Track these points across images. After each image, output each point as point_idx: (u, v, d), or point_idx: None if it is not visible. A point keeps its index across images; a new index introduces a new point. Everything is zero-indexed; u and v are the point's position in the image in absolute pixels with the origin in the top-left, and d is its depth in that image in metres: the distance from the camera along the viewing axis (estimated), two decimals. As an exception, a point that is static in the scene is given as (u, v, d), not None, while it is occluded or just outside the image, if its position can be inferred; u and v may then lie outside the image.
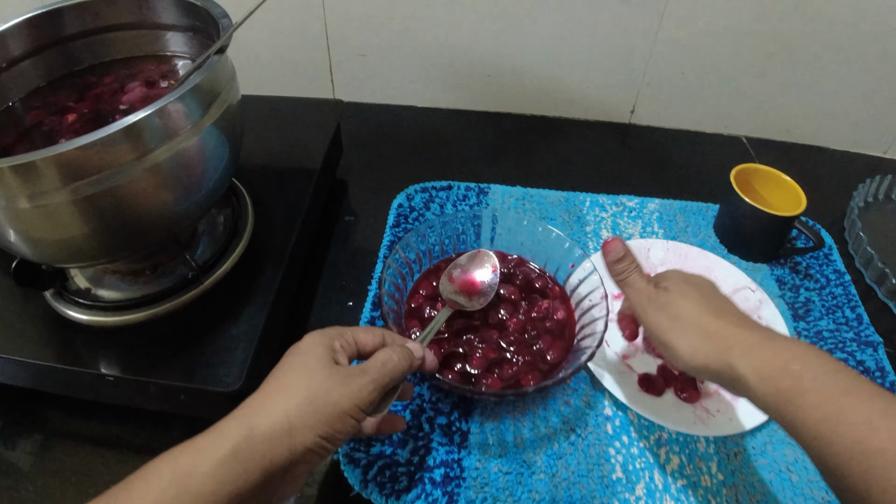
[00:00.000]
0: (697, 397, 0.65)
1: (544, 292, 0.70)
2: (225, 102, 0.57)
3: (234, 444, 0.40)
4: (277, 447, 0.41)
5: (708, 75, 0.99)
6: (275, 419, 0.42)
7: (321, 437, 0.43)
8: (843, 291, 0.79)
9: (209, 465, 0.39)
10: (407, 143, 1.00)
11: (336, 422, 0.43)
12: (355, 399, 0.45)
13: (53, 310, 0.62)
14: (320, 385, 0.44)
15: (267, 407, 0.43)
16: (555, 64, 0.99)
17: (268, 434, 0.41)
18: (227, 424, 0.42)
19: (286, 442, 0.41)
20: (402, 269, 0.68)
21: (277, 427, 0.41)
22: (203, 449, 0.40)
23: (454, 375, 0.62)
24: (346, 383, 0.45)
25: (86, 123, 0.61)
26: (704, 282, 0.56)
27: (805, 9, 0.89)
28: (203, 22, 0.61)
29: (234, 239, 0.67)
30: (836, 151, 1.05)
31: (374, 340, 0.51)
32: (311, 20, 0.96)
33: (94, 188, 0.48)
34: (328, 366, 0.46)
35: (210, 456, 0.40)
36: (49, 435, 0.64)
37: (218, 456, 0.39)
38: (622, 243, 0.58)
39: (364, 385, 0.45)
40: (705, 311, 0.51)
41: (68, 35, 0.64)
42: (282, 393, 0.44)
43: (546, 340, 0.65)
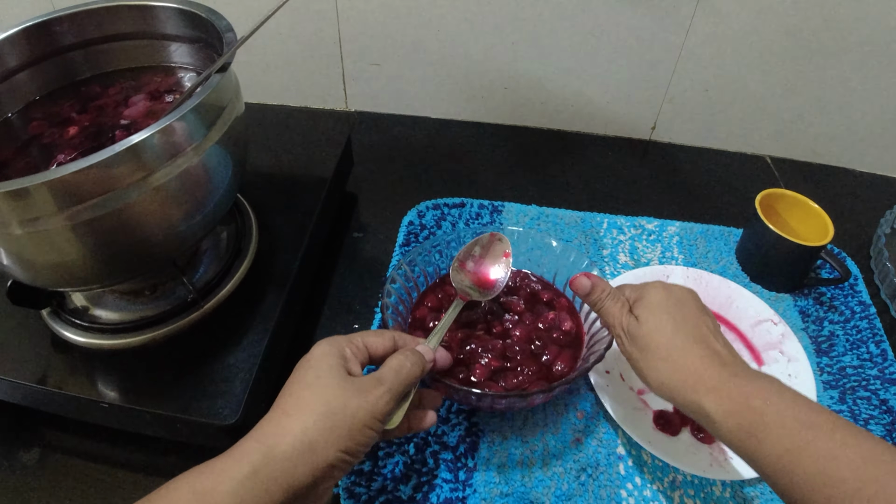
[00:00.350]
0: (714, 438, 0.62)
1: (551, 304, 0.69)
2: (229, 119, 0.55)
3: (254, 465, 0.40)
4: (299, 465, 0.41)
5: (733, 92, 0.95)
6: (294, 438, 0.41)
7: (342, 452, 0.43)
8: (867, 325, 0.75)
9: (229, 485, 0.39)
10: (420, 156, 0.98)
11: (357, 434, 0.44)
12: (372, 410, 0.45)
13: (50, 329, 0.61)
14: (337, 399, 0.44)
15: (285, 426, 0.42)
16: (574, 77, 0.97)
17: (289, 453, 0.41)
18: (245, 446, 0.42)
19: (308, 459, 0.41)
20: (408, 284, 0.67)
21: (298, 445, 0.41)
22: (222, 470, 0.40)
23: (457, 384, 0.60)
24: (363, 395, 0.45)
25: (85, 139, 0.59)
26: (683, 296, 0.54)
27: (837, 27, 0.85)
28: (208, 34, 0.59)
29: (238, 259, 0.65)
30: (862, 174, 1.01)
31: (384, 344, 0.51)
32: (324, 28, 0.94)
33: (92, 213, 0.46)
34: (342, 378, 0.45)
35: (230, 476, 0.39)
36: (47, 450, 0.62)
37: (238, 476, 0.39)
38: (585, 277, 0.57)
39: (380, 395, 0.45)
40: (676, 342, 0.50)
41: (69, 44, 0.62)
42: (299, 410, 0.43)
43: (553, 351, 0.63)
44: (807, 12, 0.85)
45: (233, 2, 0.90)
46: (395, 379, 0.47)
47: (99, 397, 0.56)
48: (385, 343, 0.51)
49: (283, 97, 1.04)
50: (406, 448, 0.61)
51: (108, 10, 0.61)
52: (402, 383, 0.48)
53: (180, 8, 0.60)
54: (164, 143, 0.48)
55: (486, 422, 0.63)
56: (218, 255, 0.66)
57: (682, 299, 0.54)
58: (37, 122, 0.62)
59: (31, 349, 0.60)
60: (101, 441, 0.62)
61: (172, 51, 0.63)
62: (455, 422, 0.63)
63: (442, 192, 0.87)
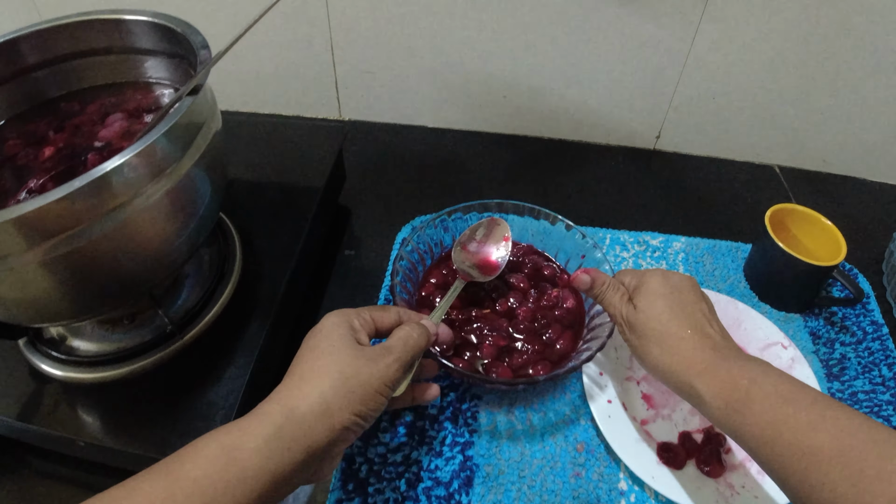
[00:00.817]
0: (721, 471, 0.59)
1: (553, 280, 0.71)
2: (205, 139, 0.51)
3: (278, 425, 0.42)
4: (317, 427, 0.43)
5: (740, 100, 0.92)
6: (312, 401, 0.44)
7: (356, 416, 0.45)
8: (880, 346, 0.72)
9: (255, 442, 0.41)
10: (415, 167, 0.95)
11: (369, 400, 0.46)
12: (383, 377, 0.47)
13: (27, 361, 0.58)
14: (349, 366, 0.46)
15: (304, 390, 0.45)
16: (575, 84, 0.93)
17: (308, 415, 0.43)
18: (268, 407, 0.44)
19: (325, 421, 0.44)
20: (413, 258, 0.69)
21: (316, 408, 0.44)
22: (248, 429, 0.42)
23: (464, 364, 0.62)
24: (374, 363, 0.47)
25: (59, 162, 0.56)
26: (681, 283, 0.57)
27: (848, 34, 0.82)
28: (183, 49, 0.56)
29: (221, 283, 0.62)
30: (874, 183, 0.98)
31: (390, 318, 0.54)
32: (315, 35, 0.91)
33: (63, 248, 0.43)
34: (353, 347, 0.48)
35: (256, 434, 0.42)
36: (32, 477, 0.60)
37: (263, 434, 0.41)
38: (585, 273, 0.61)
39: (390, 363, 0.48)
40: (671, 327, 0.53)
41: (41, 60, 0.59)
42: (315, 376, 0.46)
43: (556, 330, 0.65)
44: (817, 19, 0.81)
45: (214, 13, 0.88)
46: (403, 348, 0.50)
47: (75, 435, 0.54)
48: (391, 317, 0.54)
49: (274, 106, 1.01)
50: (397, 484, 0.58)
51: (81, 25, 0.58)
52: (410, 353, 0.51)
53: (154, 22, 0.57)
54: (136, 170, 0.45)
55: (481, 454, 0.60)
56: (200, 279, 0.63)
57: (678, 286, 0.56)
58: (12, 141, 0.59)
59: (8, 381, 0.58)
60: (87, 470, 0.60)
61: (148, 66, 0.60)
62: (449, 455, 0.60)
63: (437, 206, 0.84)
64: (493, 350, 0.63)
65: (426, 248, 0.70)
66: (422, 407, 0.63)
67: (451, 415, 0.63)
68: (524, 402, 0.64)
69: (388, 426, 0.62)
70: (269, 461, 0.41)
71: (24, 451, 0.61)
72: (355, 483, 0.58)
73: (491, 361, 0.62)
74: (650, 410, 0.64)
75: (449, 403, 0.64)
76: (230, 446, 0.41)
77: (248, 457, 0.41)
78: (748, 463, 0.60)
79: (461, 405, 0.64)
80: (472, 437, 0.61)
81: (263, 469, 0.41)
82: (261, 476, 0.41)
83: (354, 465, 0.59)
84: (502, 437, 0.61)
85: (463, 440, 0.61)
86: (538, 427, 0.62)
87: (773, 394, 0.46)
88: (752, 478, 0.59)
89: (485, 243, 0.69)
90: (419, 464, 0.59)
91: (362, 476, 0.58)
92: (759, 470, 0.59)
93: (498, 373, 0.61)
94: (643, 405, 0.64)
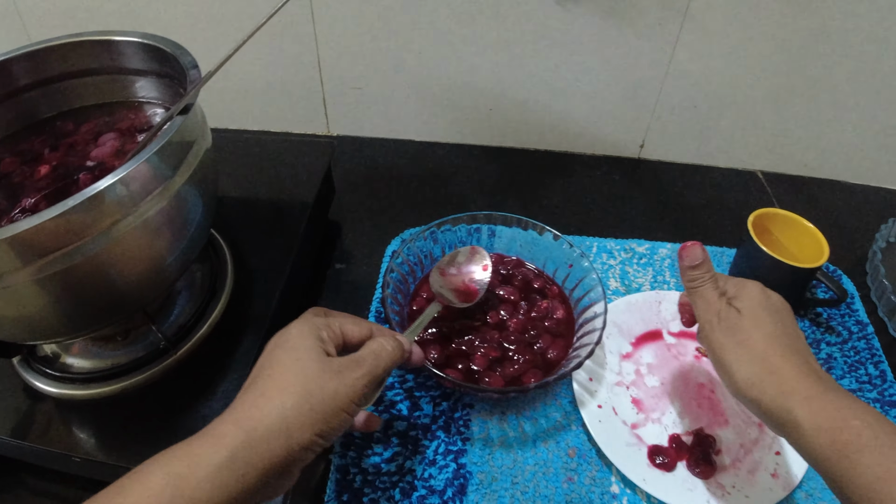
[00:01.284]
0: (712, 472, 0.60)
1: (543, 292, 0.71)
2: (196, 157, 0.52)
3: (232, 450, 0.39)
4: (275, 448, 0.41)
5: (722, 108, 0.94)
6: (272, 421, 0.41)
7: (317, 435, 0.43)
8: (866, 345, 0.74)
9: (206, 470, 0.38)
10: (404, 181, 0.96)
11: (332, 418, 0.43)
12: (350, 393, 0.45)
13: (21, 378, 0.58)
14: (314, 381, 0.44)
15: (262, 408, 0.42)
16: (560, 96, 0.95)
17: (265, 436, 0.41)
18: (222, 428, 0.41)
19: (283, 443, 0.41)
20: (404, 270, 0.69)
21: (275, 429, 0.41)
22: (199, 454, 0.39)
23: (457, 374, 0.62)
24: (341, 377, 0.45)
25: (52, 181, 0.57)
26: (781, 306, 0.53)
27: (825, 39, 0.84)
28: (173, 69, 0.57)
29: (213, 300, 0.63)
30: (855, 185, 0.99)
31: (360, 332, 0.51)
32: (303, 52, 0.92)
33: (57, 266, 0.44)
34: (320, 359, 0.45)
35: (207, 462, 0.39)
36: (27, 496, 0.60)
37: (216, 461, 0.39)
38: (702, 249, 0.56)
39: (359, 378, 0.46)
40: (775, 345, 0.49)
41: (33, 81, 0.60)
42: (276, 392, 0.43)
43: (546, 340, 0.66)
44: (796, 25, 0.83)
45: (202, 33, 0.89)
46: (374, 362, 0.47)
47: (71, 451, 0.54)
48: (362, 331, 0.51)
49: (263, 123, 1.02)
50: (392, 493, 0.58)
51: (72, 46, 0.59)
52: (381, 367, 0.48)
53: (144, 42, 0.57)
54: (128, 189, 0.46)
55: (474, 462, 0.61)
56: (192, 295, 0.64)
57: (780, 308, 0.53)
58: (8, 159, 0.59)
59: (3, 399, 0.58)
60: (83, 487, 0.60)
61: (139, 86, 0.61)
62: (442, 464, 0.60)
63: (426, 219, 0.85)
64: (485, 361, 0.63)
65: (416, 261, 0.71)
66: (414, 417, 0.64)
67: (444, 424, 0.64)
68: (516, 410, 0.65)
69: (381, 437, 0.62)
70: (221, 490, 0.38)
71: (18, 469, 0.61)
72: (350, 494, 0.58)
73: (483, 371, 0.63)
74: (640, 414, 0.65)
75: (441, 413, 0.64)
76: (178, 476, 0.38)
77: (197, 487, 0.38)
78: (739, 463, 0.61)
79: (453, 414, 0.64)
80: (465, 446, 0.62)
81: (214, 499, 0.38)
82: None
83: (349, 476, 0.59)
84: (495, 445, 0.62)
85: (456, 448, 0.62)
86: (530, 434, 0.63)
87: (888, 444, 0.41)
88: (742, 478, 0.60)
89: (464, 270, 0.69)
90: (413, 473, 0.60)
91: (357, 486, 0.58)
92: (749, 470, 0.60)
93: (490, 382, 0.62)
94: (633, 409, 0.65)
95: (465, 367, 0.63)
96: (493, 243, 0.75)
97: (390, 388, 0.66)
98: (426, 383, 0.67)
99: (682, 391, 0.67)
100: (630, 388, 0.67)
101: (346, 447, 0.61)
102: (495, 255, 0.75)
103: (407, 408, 0.65)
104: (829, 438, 0.43)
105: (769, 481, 0.59)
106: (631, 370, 0.69)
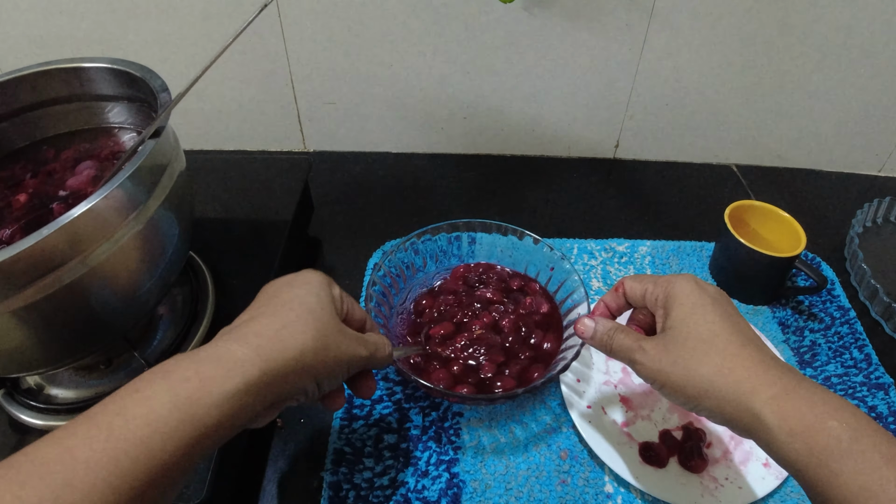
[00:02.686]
0: (704, 466, 0.60)
1: (524, 290, 0.72)
2: (170, 180, 0.52)
3: (247, 380, 0.38)
4: (285, 383, 0.41)
5: (693, 105, 0.95)
6: (291, 356, 0.41)
7: (317, 384, 0.43)
8: (849, 330, 0.75)
9: (217, 397, 0.37)
10: (382, 193, 0.96)
11: (333, 374, 0.45)
12: (350, 362, 0.46)
13: (5, 412, 0.57)
14: (332, 335, 0.44)
15: (284, 341, 0.41)
16: (533, 101, 0.95)
17: (282, 368, 0.40)
18: (239, 352, 0.39)
19: (294, 379, 0.41)
20: (386, 282, 0.69)
21: (292, 364, 0.41)
22: (212, 379, 0.37)
23: (469, 388, 0.61)
24: (352, 343, 0.46)
25: (28, 210, 0.56)
26: (720, 297, 0.48)
27: (791, 31, 0.85)
28: (143, 93, 0.56)
29: (195, 323, 0.62)
30: (829, 173, 1.01)
31: (361, 315, 0.52)
32: (275, 70, 0.92)
33: (32, 297, 0.43)
34: (335, 316, 0.46)
35: (219, 388, 0.37)
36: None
37: (228, 388, 0.37)
38: (586, 320, 0.53)
39: (362, 357, 0.47)
40: (723, 342, 0.44)
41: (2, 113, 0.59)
42: (299, 329, 0.42)
43: (538, 334, 0.67)
44: (761, 19, 0.84)
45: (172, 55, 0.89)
46: (374, 352, 0.49)
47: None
48: (362, 315, 0.52)
49: (239, 142, 1.01)
50: None
51: (41, 75, 0.59)
52: (376, 361, 0.49)
53: (113, 68, 0.57)
54: (103, 215, 0.45)
55: (467, 470, 0.60)
56: (174, 319, 0.63)
57: (719, 299, 0.47)
58: None
59: (-13, 433, 0.57)
60: None
61: (109, 112, 0.61)
62: (435, 474, 0.60)
63: (407, 229, 0.85)
64: (493, 366, 0.63)
65: (398, 272, 0.71)
66: (404, 428, 0.64)
67: (435, 434, 0.63)
68: (506, 416, 0.65)
69: (371, 451, 0.62)
70: (226, 418, 0.37)
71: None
72: (344, 510, 0.58)
73: (494, 377, 0.63)
74: (629, 412, 0.65)
75: (431, 423, 0.64)
76: (186, 401, 0.35)
77: (206, 413, 0.36)
78: (730, 455, 0.61)
79: (443, 423, 0.64)
80: (457, 455, 0.62)
81: (222, 425, 0.37)
82: (214, 433, 0.36)
83: (341, 493, 0.59)
84: (487, 452, 0.62)
85: (448, 458, 0.61)
86: (521, 439, 0.63)
87: (870, 449, 0.37)
88: (734, 469, 0.60)
89: None
90: (406, 485, 0.59)
91: (350, 502, 0.58)
92: (741, 461, 0.60)
93: (503, 385, 0.61)
94: (622, 408, 0.65)
95: (475, 380, 0.63)
96: (473, 250, 0.75)
97: (378, 402, 0.66)
98: (414, 394, 0.67)
99: (670, 387, 0.67)
100: (618, 387, 0.67)
101: (338, 464, 0.61)
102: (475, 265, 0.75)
103: (396, 420, 0.64)
104: (805, 444, 0.38)
105: (761, 471, 0.60)
106: (618, 369, 0.69)
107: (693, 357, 0.44)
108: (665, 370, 0.45)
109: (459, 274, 0.73)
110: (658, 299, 0.49)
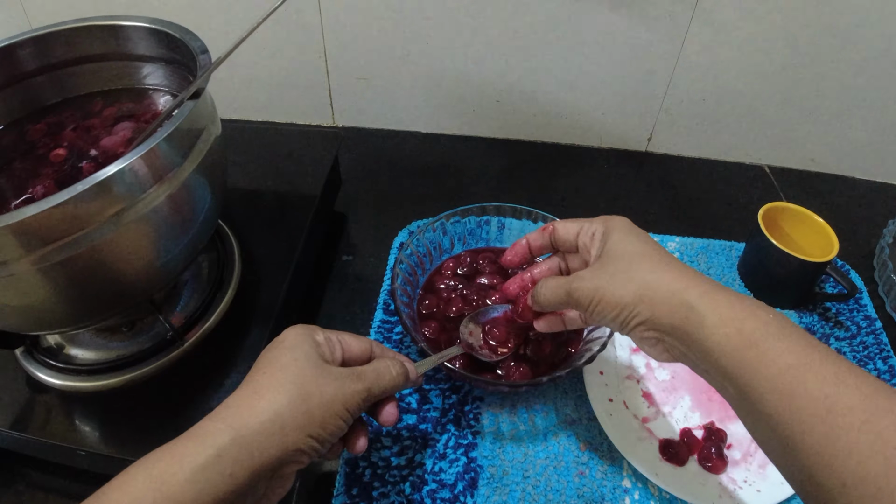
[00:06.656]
0: (724, 466, 0.59)
1: None
2: (206, 144, 0.51)
3: (218, 448, 0.38)
4: (268, 446, 0.39)
5: (730, 102, 0.93)
6: (265, 418, 0.40)
7: (312, 438, 0.41)
8: (874, 340, 0.73)
9: (189, 470, 0.37)
10: (410, 172, 0.95)
11: (329, 423, 0.42)
12: (346, 401, 0.44)
13: (24, 370, 0.57)
14: (312, 383, 0.42)
15: (255, 406, 0.40)
16: (568, 89, 0.94)
17: (258, 432, 0.39)
18: (209, 426, 0.39)
19: (277, 441, 0.40)
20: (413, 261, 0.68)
21: (268, 425, 0.40)
22: (183, 454, 0.38)
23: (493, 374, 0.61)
24: (340, 383, 0.44)
25: (62, 166, 0.55)
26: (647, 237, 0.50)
27: (835, 34, 0.83)
28: (182, 55, 0.56)
29: (220, 290, 0.62)
30: (862, 181, 0.99)
31: (361, 347, 0.49)
32: (309, 43, 0.91)
33: (61, 254, 0.43)
34: (318, 363, 0.44)
35: (191, 461, 0.37)
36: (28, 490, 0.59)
37: (200, 460, 0.37)
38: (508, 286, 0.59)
39: (358, 391, 0.45)
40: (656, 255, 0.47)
41: (38, 67, 0.58)
42: (271, 390, 0.41)
43: None
44: (805, 20, 0.82)
45: (209, 19, 0.88)
46: (375, 380, 0.46)
47: (76, 444, 0.53)
48: (362, 346, 0.50)
49: (268, 113, 1.01)
50: (402, 487, 0.57)
51: (77, 31, 0.58)
52: (381, 387, 0.47)
53: (152, 28, 0.56)
54: (137, 175, 0.45)
55: (485, 456, 0.60)
56: (199, 286, 0.63)
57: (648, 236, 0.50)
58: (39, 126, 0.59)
59: (6, 391, 0.57)
60: (85, 482, 0.59)
61: (145, 72, 0.60)
62: (453, 457, 0.60)
63: (432, 211, 0.84)
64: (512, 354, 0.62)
65: (425, 252, 0.70)
66: (424, 410, 0.63)
67: (454, 417, 0.63)
68: (526, 404, 0.64)
69: (390, 430, 0.62)
70: (206, 491, 0.37)
71: (20, 462, 0.60)
72: (359, 488, 0.57)
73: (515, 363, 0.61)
74: (651, 408, 0.64)
75: (451, 406, 0.64)
76: (160, 477, 0.36)
77: (180, 490, 0.36)
78: (750, 457, 0.60)
79: (463, 407, 0.64)
80: (476, 439, 0.61)
81: (199, 500, 0.36)
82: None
83: (358, 470, 0.58)
84: (505, 439, 0.61)
85: (466, 442, 0.61)
86: (541, 428, 0.63)
87: (796, 334, 0.39)
88: (754, 472, 0.59)
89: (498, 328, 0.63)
90: (423, 467, 0.59)
91: (366, 480, 0.58)
92: (761, 464, 0.60)
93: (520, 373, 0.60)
94: (644, 403, 0.64)
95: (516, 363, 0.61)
96: (501, 235, 0.74)
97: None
98: (435, 376, 0.66)
99: (693, 385, 0.67)
100: (640, 382, 0.67)
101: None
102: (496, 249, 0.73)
103: (416, 401, 0.64)
104: (735, 328, 0.40)
105: (781, 476, 0.59)
106: (641, 364, 0.68)
107: (630, 266, 0.46)
108: (602, 285, 0.47)
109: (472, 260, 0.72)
110: (595, 233, 0.52)
